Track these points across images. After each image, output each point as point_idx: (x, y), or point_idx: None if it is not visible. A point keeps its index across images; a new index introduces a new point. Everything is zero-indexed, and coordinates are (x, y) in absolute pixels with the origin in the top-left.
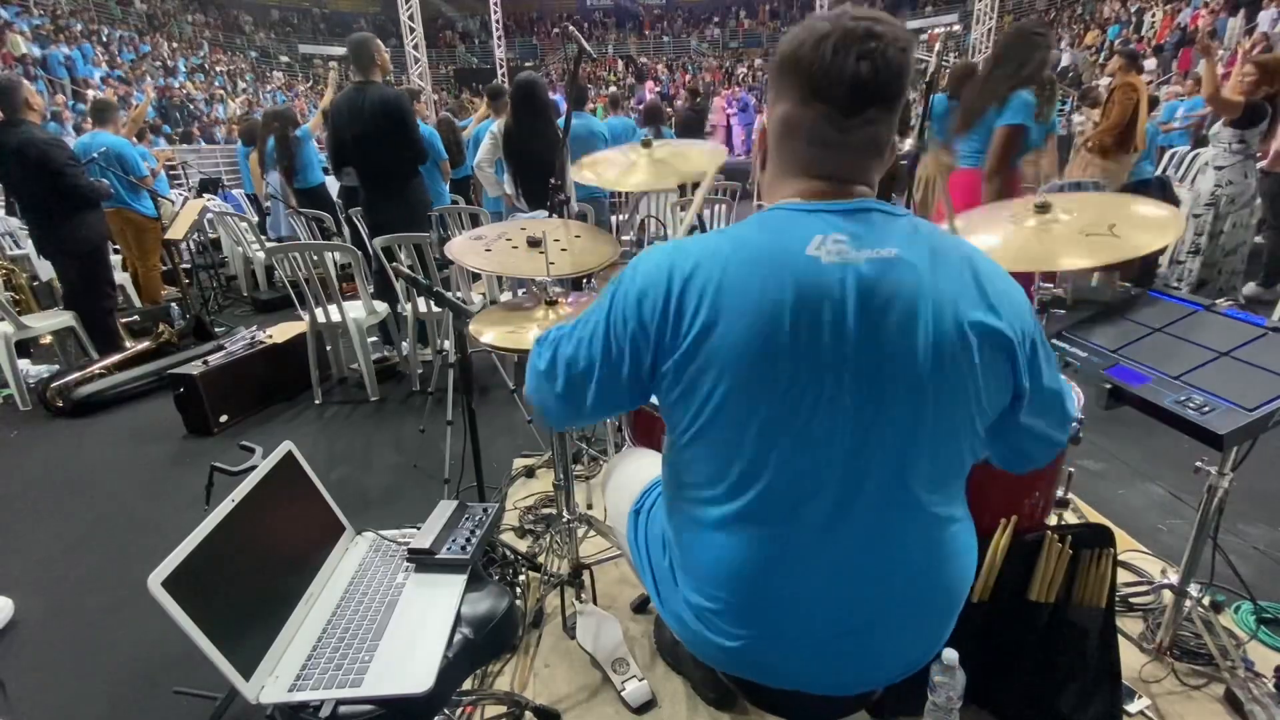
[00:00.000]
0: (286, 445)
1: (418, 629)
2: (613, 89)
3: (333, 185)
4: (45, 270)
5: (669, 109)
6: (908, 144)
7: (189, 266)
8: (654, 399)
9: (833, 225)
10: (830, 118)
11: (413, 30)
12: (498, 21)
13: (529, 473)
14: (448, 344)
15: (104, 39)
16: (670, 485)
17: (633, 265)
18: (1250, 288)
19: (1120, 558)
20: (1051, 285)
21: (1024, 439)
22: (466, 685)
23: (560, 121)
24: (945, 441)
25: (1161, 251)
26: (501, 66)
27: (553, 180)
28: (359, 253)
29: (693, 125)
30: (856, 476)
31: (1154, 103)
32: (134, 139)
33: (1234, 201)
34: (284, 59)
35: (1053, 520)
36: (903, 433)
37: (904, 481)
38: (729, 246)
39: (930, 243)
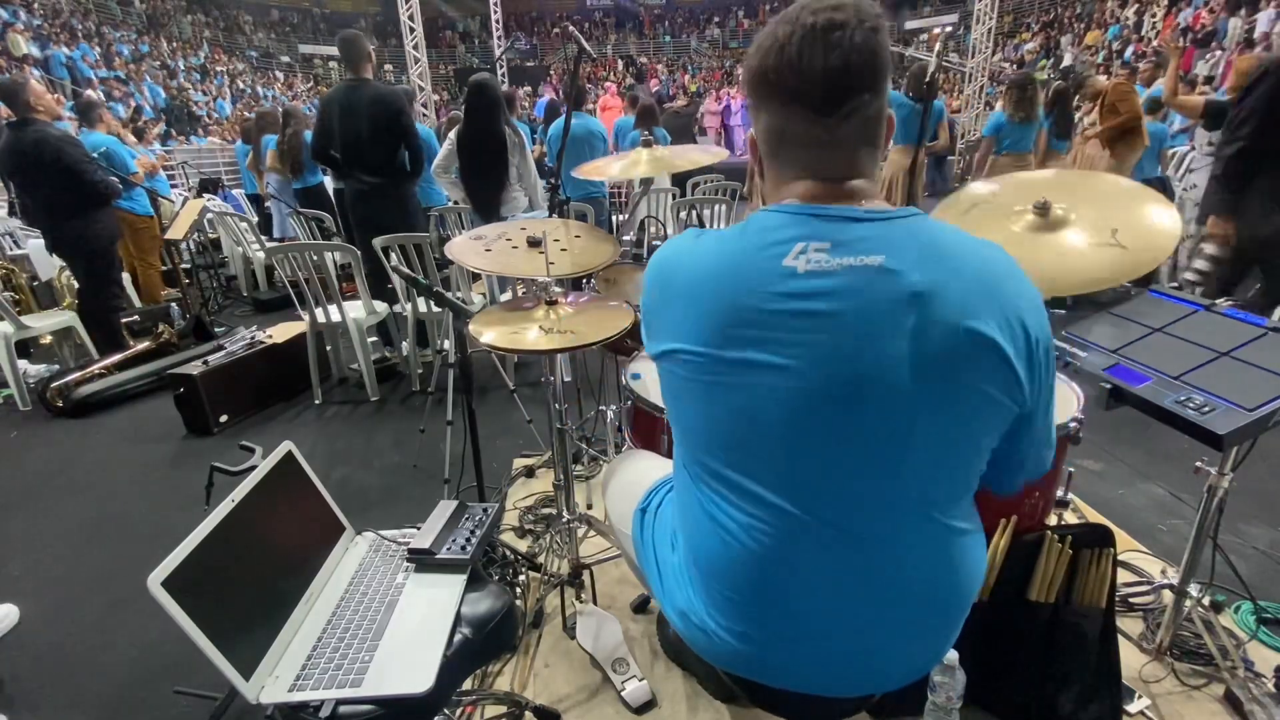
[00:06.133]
0: (286, 445)
1: (418, 629)
2: (637, 91)
3: (329, 186)
4: (45, 270)
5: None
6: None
7: (189, 266)
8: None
9: (819, 232)
10: (812, 120)
11: (413, 30)
12: (498, 21)
13: (529, 473)
14: (448, 344)
15: (104, 39)
16: (682, 484)
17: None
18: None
19: (1120, 558)
20: None
21: (1007, 461)
22: (466, 685)
23: (521, 124)
24: (945, 454)
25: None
26: (501, 66)
27: (551, 180)
28: (359, 253)
29: (682, 128)
30: (849, 489)
31: (1156, 105)
32: (133, 139)
33: (1199, 205)
34: (284, 59)
35: (1053, 520)
36: (891, 445)
37: (901, 493)
38: (706, 252)
39: (931, 247)
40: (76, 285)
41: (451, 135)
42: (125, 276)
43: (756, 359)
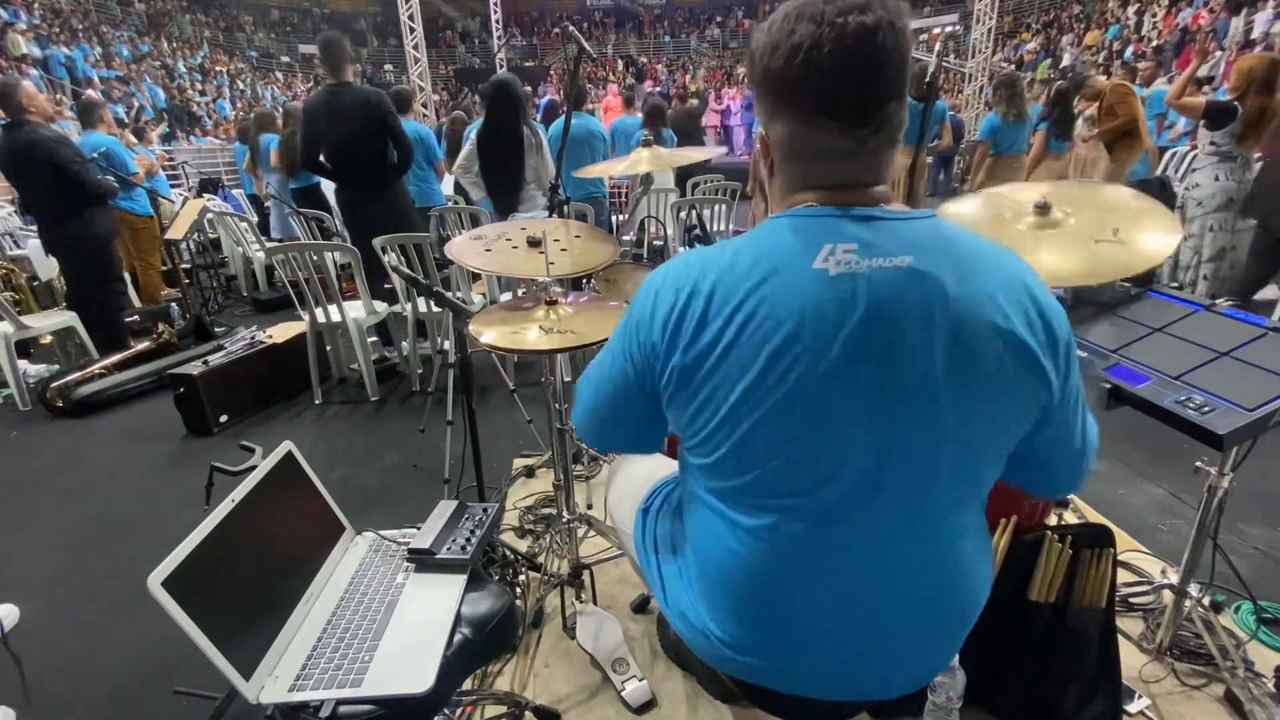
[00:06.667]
0: (286, 445)
1: (418, 629)
2: (634, 91)
3: (327, 186)
4: (45, 270)
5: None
6: None
7: (189, 266)
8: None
9: (844, 233)
10: (842, 131)
11: (413, 30)
12: (498, 21)
13: (529, 473)
14: (448, 344)
15: (104, 39)
16: (687, 489)
17: (649, 280)
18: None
19: (1120, 558)
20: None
21: (1049, 460)
22: (466, 685)
23: (536, 124)
24: (966, 459)
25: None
26: (502, 67)
27: (551, 181)
28: (359, 253)
29: (691, 128)
30: (871, 491)
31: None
32: (132, 138)
33: (1201, 205)
34: (284, 59)
35: (1053, 520)
36: (921, 449)
37: (922, 498)
38: (740, 260)
39: (957, 248)
40: (64, 286)
41: (472, 135)
42: (125, 276)
43: (779, 365)
